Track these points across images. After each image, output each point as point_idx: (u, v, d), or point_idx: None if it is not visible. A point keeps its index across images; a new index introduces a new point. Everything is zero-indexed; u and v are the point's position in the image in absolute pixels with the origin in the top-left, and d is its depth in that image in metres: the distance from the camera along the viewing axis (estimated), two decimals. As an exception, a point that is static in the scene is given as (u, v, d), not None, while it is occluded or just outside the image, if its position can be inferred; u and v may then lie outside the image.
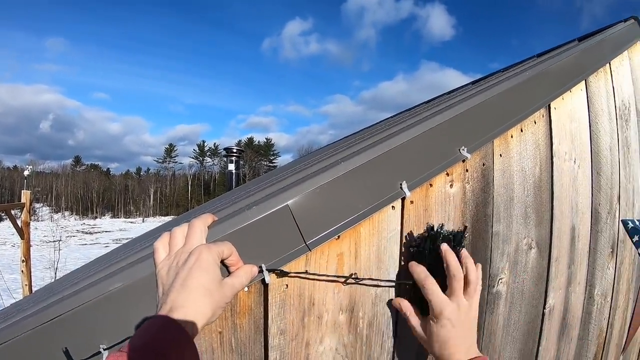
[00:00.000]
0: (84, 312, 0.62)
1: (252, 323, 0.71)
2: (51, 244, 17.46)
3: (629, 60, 1.65)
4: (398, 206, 0.79)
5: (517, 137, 1.00)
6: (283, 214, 0.69)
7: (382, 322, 0.80)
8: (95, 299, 0.62)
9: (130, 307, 0.64)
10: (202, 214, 0.69)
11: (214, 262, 0.59)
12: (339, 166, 0.72)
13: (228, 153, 6.62)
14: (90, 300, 0.62)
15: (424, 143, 0.80)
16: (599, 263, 1.38)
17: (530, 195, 1.04)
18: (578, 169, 1.22)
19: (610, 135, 1.41)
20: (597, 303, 1.42)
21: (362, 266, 0.76)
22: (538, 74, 1.07)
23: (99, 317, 0.62)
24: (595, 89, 1.35)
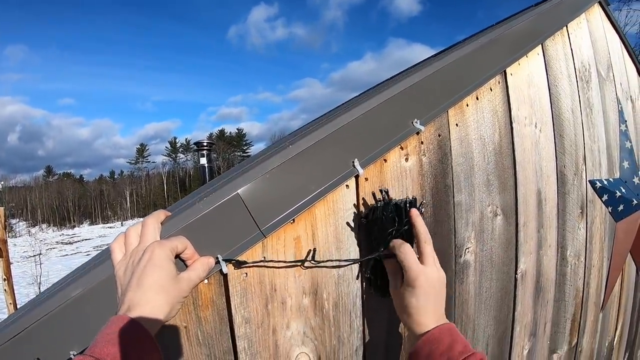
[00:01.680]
0: (51, 321, 0.61)
1: (216, 314, 0.70)
2: (32, 259, 17.20)
3: (587, 22, 1.66)
4: (352, 185, 0.78)
5: (473, 105, 1.00)
6: (234, 202, 0.68)
7: (348, 301, 0.80)
8: (59, 307, 0.61)
9: (94, 310, 0.63)
10: (155, 211, 0.69)
11: (167, 258, 0.59)
12: (287, 149, 0.71)
13: (199, 147, 6.52)
14: (55, 309, 0.61)
15: (373, 119, 0.79)
16: (569, 225, 1.40)
17: (492, 162, 1.04)
18: (540, 133, 1.22)
19: (572, 97, 1.43)
20: (570, 264, 1.45)
21: (321, 248, 0.76)
22: (491, 41, 1.06)
23: (66, 323, 0.62)
24: (552, 53, 1.35)
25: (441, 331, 0.68)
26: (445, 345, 0.66)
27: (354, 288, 0.81)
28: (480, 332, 1.08)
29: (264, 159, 0.72)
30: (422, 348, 0.68)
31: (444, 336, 0.67)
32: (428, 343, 0.67)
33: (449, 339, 0.66)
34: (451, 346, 0.65)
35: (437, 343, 0.66)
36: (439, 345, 0.66)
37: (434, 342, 0.67)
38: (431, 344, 0.67)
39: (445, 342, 0.66)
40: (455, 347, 0.65)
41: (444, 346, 0.66)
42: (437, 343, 0.66)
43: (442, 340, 0.67)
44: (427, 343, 0.67)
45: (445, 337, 0.67)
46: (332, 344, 0.79)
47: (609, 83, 1.78)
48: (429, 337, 0.68)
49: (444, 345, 0.66)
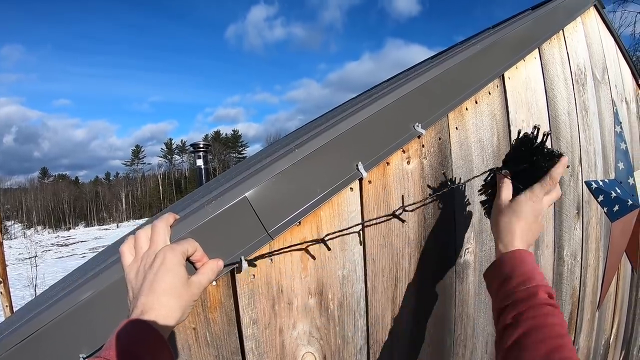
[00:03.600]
0: (60, 324, 0.62)
1: (225, 316, 0.72)
2: (27, 261, 17.09)
3: (583, 25, 1.69)
4: (356, 187, 0.80)
5: (472, 109, 1.02)
6: (242, 205, 0.69)
7: (352, 302, 0.82)
8: (69, 310, 0.62)
9: (104, 313, 0.64)
10: (164, 214, 0.70)
11: (179, 263, 0.60)
12: (294, 153, 0.73)
13: (195, 149, 6.53)
14: (64, 312, 0.62)
15: (377, 123, 0.81)
16: (565, 225, 1.43)
17: (490, 164, 1.06)
18: (537, 136, 1.25)
19: (568, 100, 1.45)
20: (567, 263, 1.47)
21: (326, 249, 0.78)
22: (490, 45, 1.09)
23: (75, 327, 0.62)
24: (549, 56, 1.38)
25: (530, 256, 0.75)
26: (529, 267, 0.72)
27: (358, 288, 0.83)
28: (479, 331, 1.10)
29: (271, 162, 0.74)
30: (506, 261, 0.75)
31: (531, 260, 0.74)
32: (514, 260, 0.74)
33: (533, 265, 0.72)
34: (534, 270, 0.71)
35: (523, 263, 0.73)
36: (524, 266, 0.72)
37: (521, 261, 0.73)
38: (518, 262, 0.73)
39: (531, 265, 0.72)
40: (538, 273, 0.70)
41: (528, 267, 0.72)
42: (523, 263, 0.73)
43: (528, 262, 0.73)
44: (513, 259, 0.74)
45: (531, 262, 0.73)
46: (337, 343, 0.81)
47: (604, 85, 1.81)
48: (517, 255, 0.75)
49: (528, 267, 0.72)
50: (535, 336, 0.63)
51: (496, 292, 0.74)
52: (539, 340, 0.62)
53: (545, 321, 0.64)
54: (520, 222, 0.78)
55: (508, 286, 0.71)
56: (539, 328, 0.64)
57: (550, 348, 0.61)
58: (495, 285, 0.75)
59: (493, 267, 0.78)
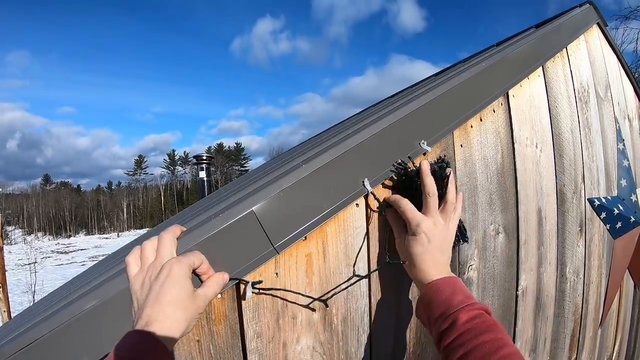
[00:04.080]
0: (62, 333, 0.62)
1: (229, 329, 0.72)
2: (27, 267, 17.07)
3: (586, 43, 1.71)
4: (362, 203, 0.81)
5: (477, 126, 1.03)
6: (249, 219, 0.70)
7: (356, 317, 0.82)
8: (72, 319, 0.62)
9: (108, 323, 0.64)
10: (171, 226, 0.70)
11: (185, 275, 0.60)
12: (301, 168, 0.73)
13: (198, 161, 6.55)
14: (67, 321, 0.62)
15: (383, 139, 0.82)
16: (568, 242, 1.43)
17: (494, 182, 1.07)
18: (540, 153, 1.26)
19: (571, 117, 1.46)
20: (569, 281, 1.47)
21: (331, 264, 0.78)
22: (495, 64, 1.10)
23: (78, 336, 0.62)
24: (553, 74, 1.39)
25: (444, 282, 0.72)
26: (446, 294, 0.69)
27: (362, 304, 0.83)
28: (482, 348, 1.10)
29: (278, 177, 0.75)
30: (424, 296, 0.73)
31: (446, 286, 0.71)
32: (430, 292, 0.72)
33: (450, 289, 0.70)
34: (452, 295, 0.69)
35: (439, 292, 0.70)
36: (440, 294, 0.70)
37: (435, 291, 0.71)
38: (433, 293, 0.71)
39: (447, 291, 0.70)
40: (456, 297, 0.69)
41: (444, 294, 0.69)
42: (439, 292, 0.70)
43: (444, 289, 0.70)
44: (429, 292, 0.72)
45: (447, 287, 0.71)
46: (340, 358, 0.81)
47: (607, 103, 1.83)
48: (432, 286, 0.72)
49: (445, 294, 0.69)
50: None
51: (429, 330, 0.73)
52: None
53: (473, 344, 0.63)
54: (433, 245, 0.75)
55: (433, 321, 0.70)
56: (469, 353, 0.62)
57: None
58: (426, 322, 0.74)
59: (417, 304, 0.77)
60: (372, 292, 0.84)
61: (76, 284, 1.88)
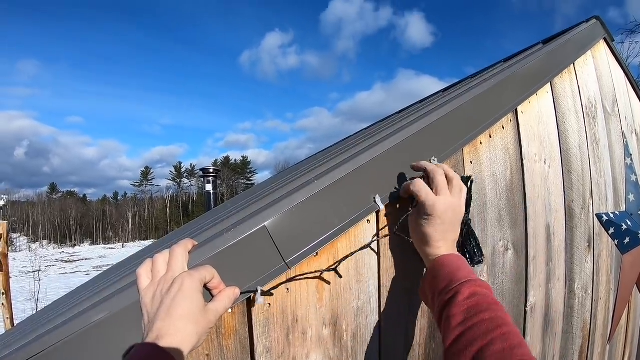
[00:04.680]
0: (72, 343, 0.62)
1: (238, 343, 0.72)
2: (31, 275, 17.11)
3: (593, 59, 1.72)
4: (373, 219, 0.82)
5: (486, 143, 1.04)
6: (261, 234, 0.70)
7: (366, 332, 0.82)
8: (81, 331, 0.62)
9: (118, 335, 0.64)
10: (182, 240, 0.71)
11: (197, 290, 0.60)
12: (313, 184, 0.74)
13: (205, 174, 6.60)
14: (76, 332, 0.62)
15: (394, 156, 0.83)
16: (576, 258, 1.42)
17: (503, 198, 1.08)
18: (549, 169, 1.26)
19: (579, 133, 1.47)
20: (578, 297, 1.46)
21: (342, 280, 0.78)
22: (504, 80, 1.11)
23: (87, 348, 0.62)
24: (560, 90, 1.40)
25: (451, 257, 0.75)
26: (451, 268, 0.72)
27: (372, 320, 0.83)
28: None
29: (290, 193, 0.75)
30: (431, 269, 0.76)
31: (452, 261, 0.74)
32: (437, 265, 0.75)
33: (456, 265, 0.73)
34: (457, 270, 0.72)
35: (445, 266, 0.73)
36: (446, 268, 0.73)
37: (442, 265, 0.74)
38: (440, 267, 0.74)
39: (453, 266, 0.73)
40: (460, 272, 0.71)
41: (450, 268, 0.72)
42: (445, 266, 0.73)
43: (450, 264, 0.73)
44: (437, 265, 0.75)
45: (453, 262, 0.74)
46: (349, 374, 0.81)
47: (615, 118, 1.83)
48: (439, 260, 0.75)
49: (451, 268, 0.72)
50: (465, 342, 0.62)
51: (432, 307, 0.76)
52: (468, 343, 0.62)
53: (472, 321, 0.64)
54: (446, 224, 0.77)
55: (437, 293, 0.72)
56: (467, 331, 0.63)
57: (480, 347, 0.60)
58: (429, 297, 0.76)
59: (424, 279, 0.79)
60: (382, 308, 0.84)
61: (81, 293, 1.89)
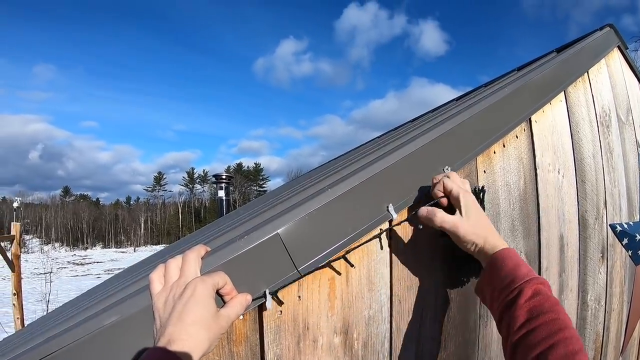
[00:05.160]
0: (84, 346, 0.62)
1: (249, 350, 0.72)
2: (42, 276, 17.33)
3: (607, 67, 1.70)
4: (386, 228, 0.81)
5: (500, 152, 1.03)
6: (274, 242, 0.71)
7: (377, 342, 0.82)
8: (93, 333, 0.63)
9: (129, 339, 0.65)
10: (195, 246, 0.71)
11: (209, 295, 0.60)
12: (327, 193, 0.74)
13: (217, 180, 6.66)
14: (88, 334, 0.63)
15: (407, 166, 0.83)
16: (590, 269, 1.40)
17: (516, 208, 1.07)
18: (562, 179, 1.25)
19: (593, 142, 1.45)
20: (591, 308, 1.44)
21: (354, 289, 0.78)
22: (517, 89, 1.10)
23: (98, 350, 0.63)
24: (574, 99, 1.39)
25: (508, 252, 0.75)
26: (511, 264, 0.73)
27: (383, 329, 0.82)
28: (501, 376, 1.08)
29: (303, 200, 0.75)
30: (490, 266, 0.76)
31: (510, 257, 0.74)
32: (497, 262, 0.75)
33: (514, 260, 0.73)
34: (516, 267, 0.72)
35: (505, 262, 0.74)
36: (506, 264, 0.73)
37: (502, 261, 0.74)
38: (500, 263, 0.74)
39: (512, 262, 0.73)
40: (520, 269, 0.72)
41: (510, 265, 0.73)
42: (505, 262, 0.74)
43: (508, 260, 0.74)
44: (496, 262, 0.75)
45: (511, 258, 0.74)
46: (359, 384, 0.81)
47: (629, 127, 1.81)
48: (497, 256, 0.75)
49: (511, 264, 0.73)
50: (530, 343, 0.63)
51: (490, 305, 0.76)
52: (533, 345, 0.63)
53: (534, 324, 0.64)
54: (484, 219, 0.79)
55: (498, 291, 0.72)
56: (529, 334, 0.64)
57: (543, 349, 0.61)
58: (488, 295, 0.76)
59: (482, 277, 0.79)
60: (393, 318, 0.83)
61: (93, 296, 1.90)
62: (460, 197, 0.78)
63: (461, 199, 0.78)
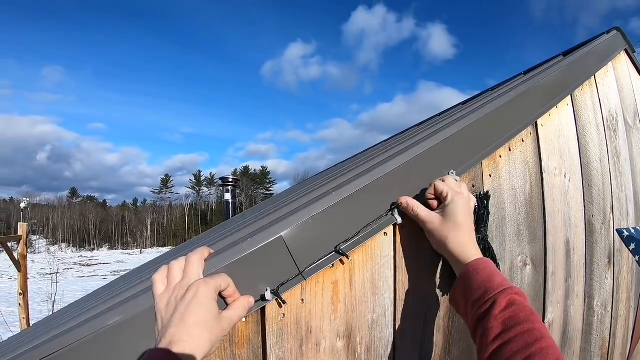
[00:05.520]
0: (87, 345, 0.62)
1: (251, 353, 0.72)
2: (48, 277, 17.46)
3: (614, 70, 1.69)
4: (390, 232, 0.81)
5: (506, 156, 1.02)
6: (277, 245, 0.70)
7: (380, 346, 0.81)
8: (96, 333, 0.63)
9: (131, 339, 0.65)
10: (199, 248, 0.71)
11: (211, 297, 0.60)
12: (331, 196, 0.74)
13: (224, 183, 6.68)
14: (91, 334, 0.63)
15: (412, 169, 0.82)
16: (596, 274, 1.39)
17: (522, 212, 1.06)
18: (569, 183, 1.24)
19: (600, 146, 1.44)
20: (597, 314, 1.42)
21: (357, 293, 0.78)
22: (523, 93, 1.09)
23: (101, 349, 0.63)
24: (581, 103, 1.38)
25: (482, 263, 0.74)
26: (484, 275, 0.72)
27: (386, 333, 0.82)
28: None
29: (307, 203, 0.75)
30: (463, 277, 0.75)
31: (484, 268, 0.73)
32: (469, 273, 0.74)
33: (488, 271, 0.73)
34: (490, 277, 0.71)
35: (477, 273, 0.73)
36: (479, 276, 0.72)
37: (474, 273, 0.73)
38: (472, 274, 0.73)
39: (485, 273, 0.72)
40: (495, 279, 0.71)
41: (483, 276, 0.72)
42: (477, 273, 0.73)
43: (482, 271, 0.73)
44: (468, 273, 0.74)
45: (485, 268, 0.73)
46: (362, 388, 0.80)
47: (636, 131, 1.79)
48: (470, 266, 0.74)
49: (484, 276, 0.72)
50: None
51: (465, 316, 0.75)
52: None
53: (510, 335, 0.63)
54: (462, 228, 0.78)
55: (471, 303, 0.72)
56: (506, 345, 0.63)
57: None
58: (462, 306, 0.75)
59: (455, 287, 0.78)
60: (397, 322, 0.83)
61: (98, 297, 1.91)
62: (448, 198, 0.77)
63: (448, 199, 0.77)
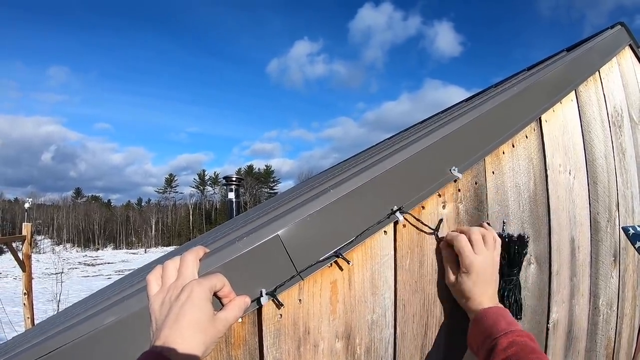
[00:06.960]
0: (82, 345, 0.61)
1: (248, 354, 0.70)
2: (53, 277, 17.60)
3: (618, 66, 1.66)
4: (390, 230, 0.79)
5: (509, 153, 1.00)
6: (274, 243, 0.69)
7: (380, 347, 0.79)
8: (89, 334, 0.62)
9: (126, 340, 0.64)
10: (194, 247, 0.70)
11: (206, 298, 0.59)
12: (329, 193, 0.72)
13: (227, 182, 6.68)
14: (85, 335, 0.62)
15: (413, 166, 0.80)
16: (601, 273, 1.36)
17: (526, 210, 1.03)
18: (574, 180, 1.21)
19: (604, 143, 1.41)
20: (602, 313, 1.40)
21: (357, 292, 0.76)
22: (526, 88, 1.07)
23: (94, 351, 0.62)
24: (586, 98, 1.35)
25: (492, 310, 0.77)
26: (491, 320, 0.75)
27: (387, 334, 0.80)
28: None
29: (305, 202, 0.73)
30: (474, 322, 0.79)
31: (492, 314, 0.77)
32: (478, 319, 0.78)
33: (495, 317, 0.76)
34: (495, 322, 0.74)
35: (485, 319, 0.76)
36: (486, 320, 0.76)
37: (483, 318, 0.77)
38: (480, 320, 0.77)
39: (492, 318, 0.75)
40: (499, 324, 0.74)
41: (490, 321, 0.75)
42: (485, 319, 0.76)
43: (489, 316, 0.76)
44: (478, 319, 0.78)
45: (492, 315, 0.76)
46: (362, 390, 0.78)
47: (641, 127, 1.76)
48: (480, 313, 0.78)
49: (490, 321, 0.75)
50: None
51: (477, 354, 0.78)
52: None
53: None
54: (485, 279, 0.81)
55: (480, 345, 0.75)
56: None
57: None
58: (474, 348, 0.79)
59: (469, 332, 0.81)
60: (397, 323, 0.81)
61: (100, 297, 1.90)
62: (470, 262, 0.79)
63: (467, 261, 0.80)
